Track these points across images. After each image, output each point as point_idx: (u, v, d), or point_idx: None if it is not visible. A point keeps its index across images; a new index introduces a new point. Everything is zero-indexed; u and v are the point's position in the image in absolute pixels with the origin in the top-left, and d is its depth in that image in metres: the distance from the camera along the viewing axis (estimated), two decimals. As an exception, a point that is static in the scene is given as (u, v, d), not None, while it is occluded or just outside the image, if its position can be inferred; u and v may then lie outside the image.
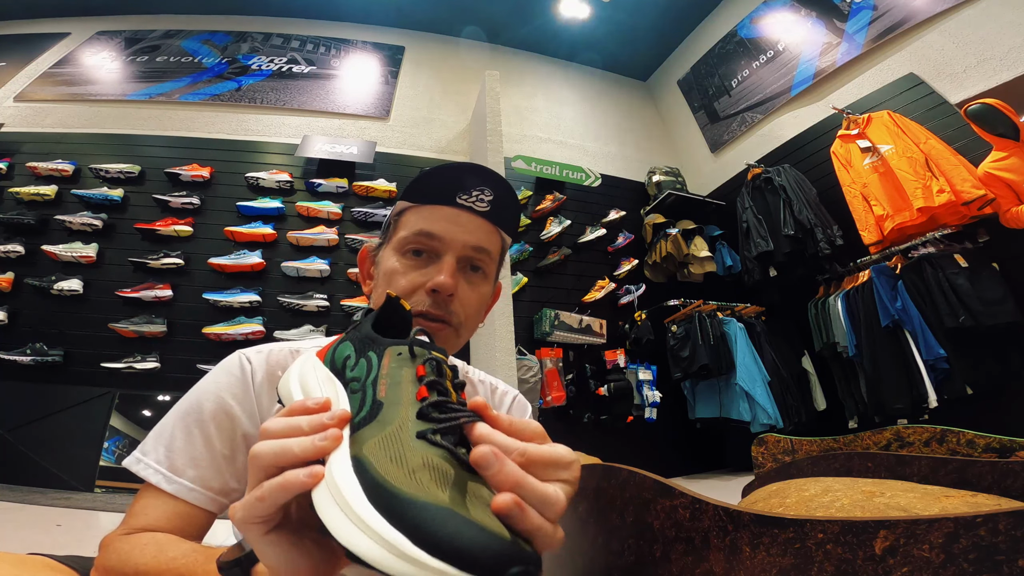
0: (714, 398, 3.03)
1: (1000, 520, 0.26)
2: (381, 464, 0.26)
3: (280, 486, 0.26)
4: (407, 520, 0.22)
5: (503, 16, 4.48)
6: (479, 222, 0.55)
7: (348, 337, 0.40)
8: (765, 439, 1.18)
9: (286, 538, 0.28)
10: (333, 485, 0.25)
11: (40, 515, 1.95)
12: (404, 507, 0.23)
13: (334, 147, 3.35)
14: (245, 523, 0.27)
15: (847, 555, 0.30)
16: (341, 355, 0.38)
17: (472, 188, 0.53)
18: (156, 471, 0.49)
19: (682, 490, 0.44)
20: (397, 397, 0.32)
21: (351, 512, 0.23)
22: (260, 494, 0.26)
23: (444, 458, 0.27)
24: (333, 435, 0.28)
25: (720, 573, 0.38)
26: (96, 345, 2.64)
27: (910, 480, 0.62)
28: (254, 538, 0.28)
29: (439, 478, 0.25)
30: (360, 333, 0.39)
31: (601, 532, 0.58)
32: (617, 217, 3.70)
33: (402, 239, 0.55)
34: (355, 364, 0.36)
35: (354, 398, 0.33)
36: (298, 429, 0.29)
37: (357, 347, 0.38)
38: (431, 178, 0.54)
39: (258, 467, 0.28)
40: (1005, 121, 2.14)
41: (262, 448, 0.28)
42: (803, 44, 3.63)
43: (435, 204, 0.54)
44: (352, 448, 0.28)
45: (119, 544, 0.44)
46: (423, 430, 0.29)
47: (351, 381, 0.35)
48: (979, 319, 2.11)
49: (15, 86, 3.57)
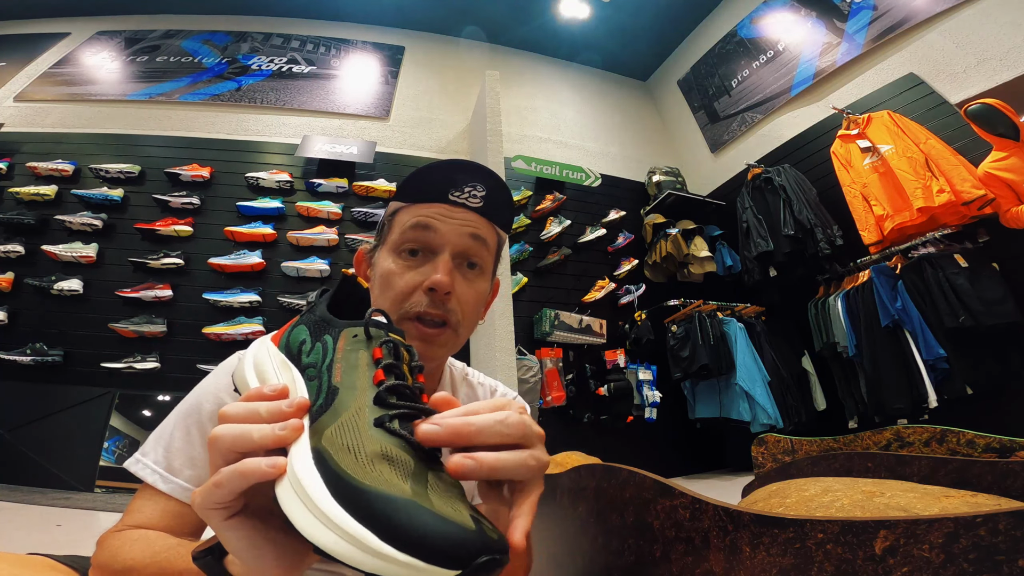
0: (714, 398, 3.03)
1: (1000, 520, 0.26)
2: (339, 455, 0.25)
3: (239, 473, 0.26)
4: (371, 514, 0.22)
5: (503, 16, 4.48)
6: (473, 217, 0.55)
7: (303, 320, 0.39)
8: (765, 439, 1.18)
9: (248, 524, 0.28)
10: (295, 479, 0.25)
11: (40, 515, 1.95)
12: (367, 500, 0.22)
13: (334, 147, 3.35)
14: (204, 509, 0.27)
15: (847, 555, 0.30)
16: (296, 340, 0.37)
17: (464, 184, 0.53)
18: (153, 471, 0.49)
19: (682, 490, 0.44)
20: (352, 382, 0.31)
21: (314, 507, 0.23)
22: (218, 480, 0.26)
23: (402, 447, 0.27)
24: (293, 425, 0.28)
25: (720, 573, 0.38)
26: (96, 345, 2.64)
27: (910, 480, 0.62)
28: (215, 524, 0.28)
29: (399, 468, 0.25)
30: (315, 315, 0.38)
31: (601, 532, 0.58)
32: (617, 217, 3.70)
33: (397, 239, 0.54)
34: (311, 349, 0.35)
35: (311, 385, 0.32)
36: (256, 415, 0.29)
37: (312, 330, 0.37)
38: (423, 177, 0.54)
39: (217, 452, 0.28)
40: (1005, 121, 2.14)
41: (221, 432, 0.28)
42: (803, 44, 3.63)
43: (428, 202, 0.54)
44: (312, 439, 0.27)
45: (111, 540, 0.44)
46: (380, 416, 0.28)
47: (307, 367, 0.34)
48: (979, 319, 2.11)
49: (15, 86, 3.57)
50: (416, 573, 0.21)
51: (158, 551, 0.40)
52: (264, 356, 0.38)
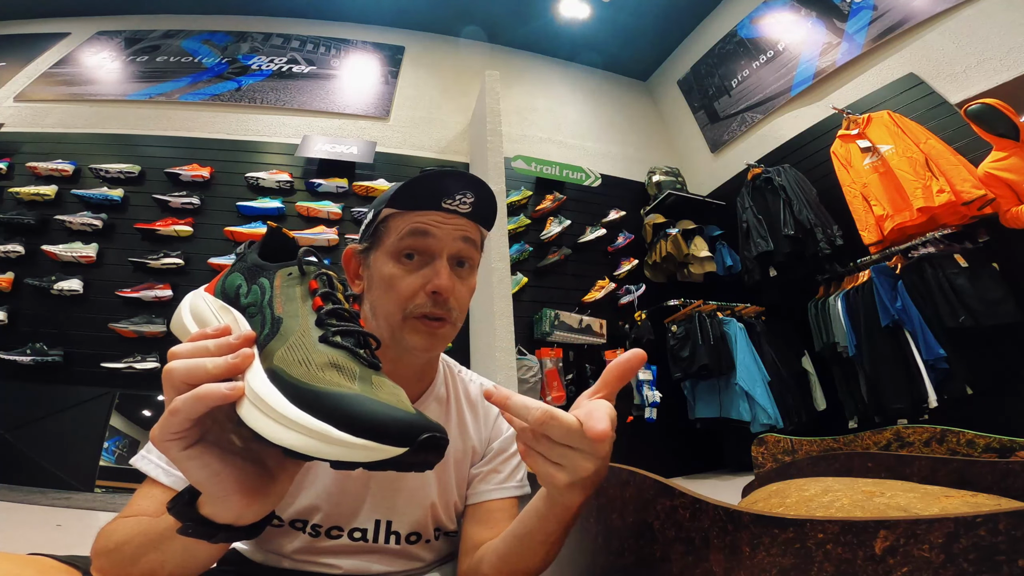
0: (714, 398, 3.03)
1: (1000, 520, 0.26)
2: (292, 369, 0.29)
3: (196, 398, 0.28)
4: (327, 410, 0.25)
5: (503, 16, 4.48)
6: (463, 222, 0.59)
7: (235, 268, 0.41)
8: (765, 439, 1.18)
9: (205, 452, 0.30)
10: (255, 396, 0.28)
11: (40, 515, 1.95)
12: (322, 399, 0.26)
13: (334, 147, 3.35)
14: (162, 440, 0.29)
15: (847, 555, 0.30)
16: (232, 285, 0.39)
17: (455, 192, 0.57)
18: (156, 465, 0.52)
19: (682, 490, 0.44)
20: (294, 311, 0.34)
21: (278, 415, 0.26)
22: (174, 407, 0.29)
23: (347, 357, 0.31)
24: (245, 353, 0.31)
25: (720, 573, 0.38)
26: (96, 345, 2.64)
27: (910, 480, 0.62)
28: (175, 456, 0.30)
29: (346, 373, 0.29)
30: (247, 263, 0.41)
31: (601, 532, 0.58)
32: (617, 217, 3.70)
33: (395, 244, 0.57)
34: (248, 291, 0.38)
35: (254, 321, 0.35)
36: (205, 350, 0.31)
37: (247, 275, 0.39)
38: (416, 186, 0.57)
39: (171, 385, 0.30)
40: (1005, 121, 2.14)
41: (174, 366, 0.30)
42: (803, 44, 3.63)
43: (421, 210, 0.58)
44: (264, 363, 0.31)
45: (107, 528, 0.46)
46: (323, 334, 0.32)
47: (247, 307, 0.37)
48: (979, 319, 2.11)
49: (15, 86, 3.57)
50: (371, 453, 0.25)
51: (144, 525, 0.41)
52: (201, 304, 0.41)
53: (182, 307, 0.42)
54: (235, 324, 0.36)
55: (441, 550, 0.65)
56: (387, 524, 0.60)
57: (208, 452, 0.31)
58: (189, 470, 0.30)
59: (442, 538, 0.64)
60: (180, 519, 0.33)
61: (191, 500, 0.33)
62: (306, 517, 0.58)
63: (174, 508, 0.33)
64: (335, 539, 0.58)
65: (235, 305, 0.38)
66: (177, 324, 0.41)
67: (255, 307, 0.36)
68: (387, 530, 0.60)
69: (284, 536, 0.58)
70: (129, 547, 0.40)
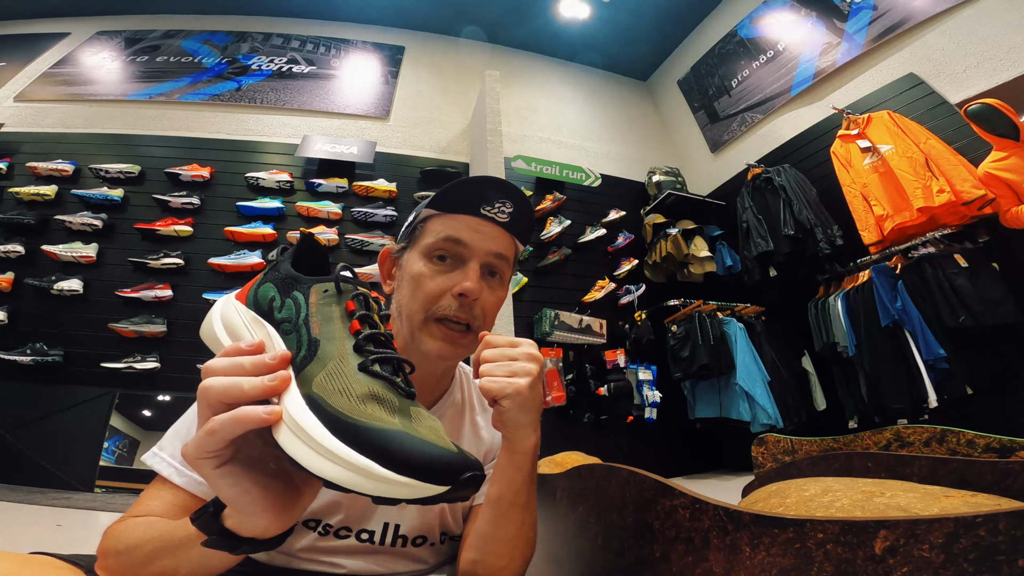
0: (714, 398, 3.03)
1: (1000, 520, 0.26)
2: (332, 398, 0.28)
3: (234, 420, 0.28)
4: (370, 445, 0.25)
5: (503, 16, 4.48)
6: (499, 231, 0.59)
7: (268, 278, 0.40)
8: (765, 439, 1.18)
9: (238, 471, 0.30)
10: (293, 423, 0.28)
11: (40, 515, 1.95)
12: (365, 434, 0.26)
13: (334, 147, 3.35)
14: (197, 458, 0.29)
15: (847, 555, 0.30)
16: (265, 297, 0.38)
17: (495, 200, 0.57)
18: (169, 464, 0.51)
19: (682, 490, 0.44)
20: (331, 333, 0.34)
21: (318, 446, 0.26)
22: (211, 427, 0.28)
23: (386, 388, 0.30)
24: (283, 376, 0.30)
25: (720, 573, 0.38)
26: (96, 345, 2.64)
27: (910, 480, 0.62)
28: (207, 473, 0.30)
29: (386, 406, 0.29)
30: (280, 273, 0.39)
31: (601, 532, 0.58)
32: (617, 217, 3.70)
33: (429, 245, 0.58)
34: (281, 305, 0.37)
35: (289, 339, 0.34)
36: (240, 368, 0.31)
37: (280, 287, 0.38)
38: (458, 189, 0.57)
39: (207, 403, 0.30)
40: (1005, 121, 2.14)
41: (211, 383, 0.30)
42: (803, 44, 3.63)
43: (460, 214, 0.57)
44: (301, 388, 0.30)
45: (115, 528, 0.45)
46: (363, 362, 0.32)
47: (282, 323, 0.36)
48: (979, 319, 2.11)
49: (15, 86, 3.57)
50: (413, 491, 0.25)
51: (159, 528, 0.41)
52: (233, 314, 0.39)
53: (213, 315, 0.41)
54: (269, 340, 0.35)
55: (446, 552, 0.65)
56: (395, 527, 0.60)
57: (239, 470, 0.31)
58: (221, 487, 0.30)
59: (447, 542, 0.64)
60: (205, 531, 0.33)
61: (216, 513, 0.33)
62: (318, 517, 0.58)
63: (198, 520, 0.33)
64: (343, 539, 0.58)
65: (268, 319, 0.37)
66: (208, 332, 0.40)
67: (290, 324, 0.35)
68: (395, 533, 0.60)
69: (294, 535, 0.58)
70: (142, 551, 0.40)
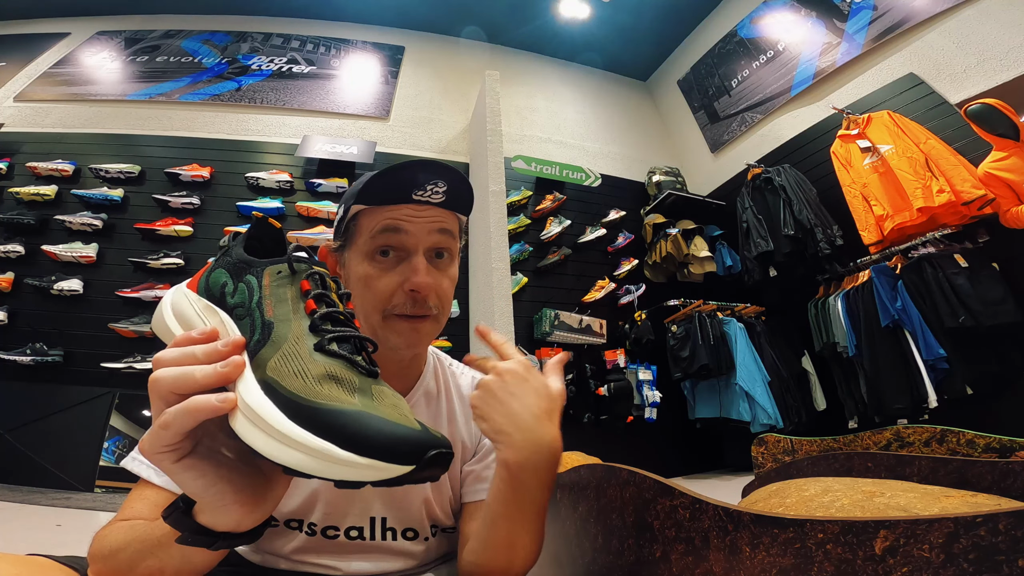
0: (714, 398, 3.03)
1: (1000, 520, 0.26)
2: (287, 381, 0.27)
3: (186, 411, 0.27)
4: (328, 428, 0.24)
5: (503, 16, 4.48)
6: (436, 212, 0.56)
7: (219, 264, 0.39)
8: (765, 439, 1.18)
9: (199, 464, 0.29)
10: (248, 410, 0.27)
11: (40, 515, 1.95)
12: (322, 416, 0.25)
13: (334, 147, 3.35)
14: (154, 453, 0.28)
15: (847, 555, 0.30)
16: (216, 282, 0.37)
17: (426, 183, 0.54)
18: (148, 467, 0.51)
19: (682, 490, 0.44)
20: (286, 314, 0.33)
21: (275, 432, 0.25)
22: (164, 420, 0.27)
23: (345, 367, 0.29)
24: (235, 362, 0.29)
25: (720, 573, 0.38)
26: (96, 345, 2.64)
27: (910, 480, 0.62)
28: (168, 468, 0.29)
29: (345, 385, 0.28)
30: (232, 258, 0.38)
31: (601, 532, 0.58)
32: (617, 217, 3.70)
33: (368, 241, 0.55)
34: (234, 290, 0.36)
35: (243, 324, 0.33)
36: (192, 357, 0.30)
37: (232, 272, 0.37)
38: (384, 179, 0.54)
39: (158, 396, 0.29)
40: (1005, 121, 2.14)
41: (161, 375, 0.29)
42: (803, 44, 3.63)
43: (391, 204, 0.55)
44: (256, 372, 0.29)
45: (102, 532, 0.45)
46: (319, 341, 0.31)
47: (235, 308, 0.35)
48: (979, 319, 2.11)
49: (15, 86, 3.57)
50: (376, 472, 0.24)
51: (139, 530, 0.41)
52: (184, 303, 0.38)
53: (163, 305, 0.40)
54: (222, 327, 0.34)
55: (441, 547, 0.65)
56: (382, 521, 0.60)
57: (202, 462, 0.30)
58: (184, 482, 0.30)
59: (440, 535, 0.63)
60: (177, 528, 0.32)
61: (187, 509, 0.32)
62: (300, 517, 0.57)
63: (170, 517, 0.33)
64: (332, 539, 0.58)
65: (221, 305, 0.36)
66: (159, 324, 0.39)
67: (243, 308, 0.34)
68: (383, 527, 0.59)
69: (281, 536, 0.58)
70: (125, 554, 0.40)
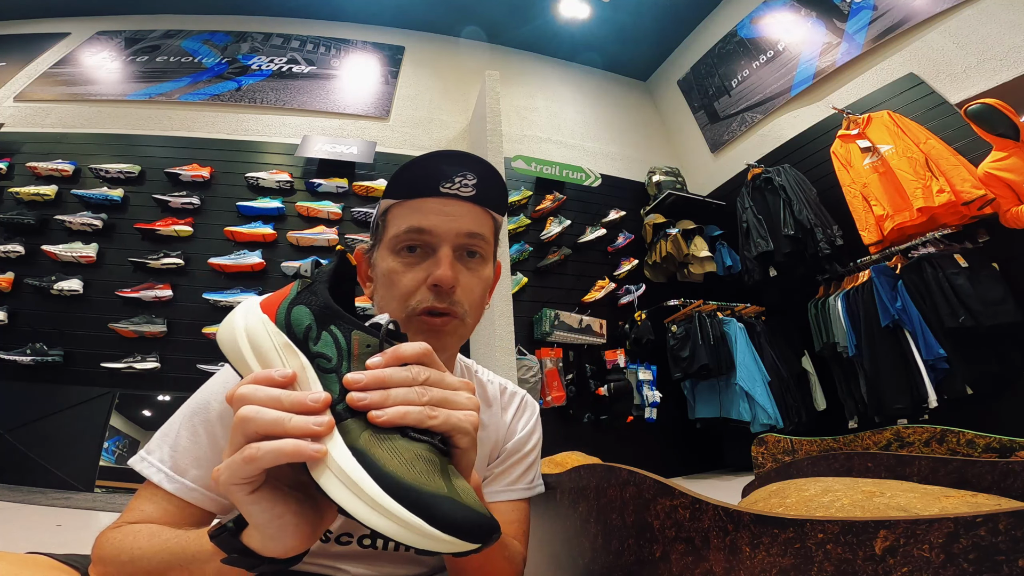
0: (714, 398, 3.03)
1: (1000, 520, 0.26)
2: (382, 459, 0.30)
3: (279, 452, 0.28)
4: (420, 506, 0.28)
5: (503, 16, 4.48)
6: (467, 207, 0.54)
7: (303, 300, 0.37)
8: (765, 439, 1.18)
9: (269, 497, 0.30)
10: (342, 473, 0.29)
11: (40, 515, 1.95)
12: (415, 495, 0.28)
13: (334, 147, 3.35)
14: (231, 484, 0.29)
15: (847, 555, 0.30)
16: (300, 323, 0.36)
17: (454, 175, 0.52)
18: (159, 470, 0.49)
19: (682, 490, 0.44)
20: None
21: (370, 500, 0.28)
22: (251, 455, 0.28)
23: (429, 450, 0.32)
24: (328, 423, 0.30)
25: (720, 573, 0.38)
26: (96, 345, 2.64)
27: (910, 480, 0.62)
28: (240, 499, 0.30)
29: (431, 467, 0.31)
30: (318, 299, 0.37)
31: (601, 532, 0.58)
32: (617, 217, 3.70)
33: (393, 237, 0.54)
34: (317, 337, 0.35)
35: (327, 379, 0.34)
36: (278, 402, 0.30)
37: (317, 315, 0.36)
38: (411, 171, 0.53)
39: (243, 432, 0.30)
40: (1005, 121, 2.14)
41: (252, 415, 0.30)
42: (803, 44, 3.63)
43: (419, 197, 0.53)
44: (345, 438, 0.31)
45: (112, 536, 0.44)
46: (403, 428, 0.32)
47: (318, 357, 0.34)
48: (979, 319, 2.11)
49: (15, 86, 3.57)
50: (454, 547, 0.28)
51: (167, 539, 0.40)
52: (262, 332, 0.37)
53: (237, 326, 0.38)
54: (302, 372, 0.34)
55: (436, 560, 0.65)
56: None
57: (271, 496, 0.31)
58: (252, 513, 0.30)
59: None
60: (225, 550, 0.33)
61: (237, 531, 0.33)
62: None
63: (219, 538, 0.33)
64: (345, 545, 0.57)
65: (303, 348, 0.35)
66: (231, 347, 0.37)
67: (327, 361, 0.34)
68: None
69: None
70: (150, 562, 0.39)
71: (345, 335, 0.35)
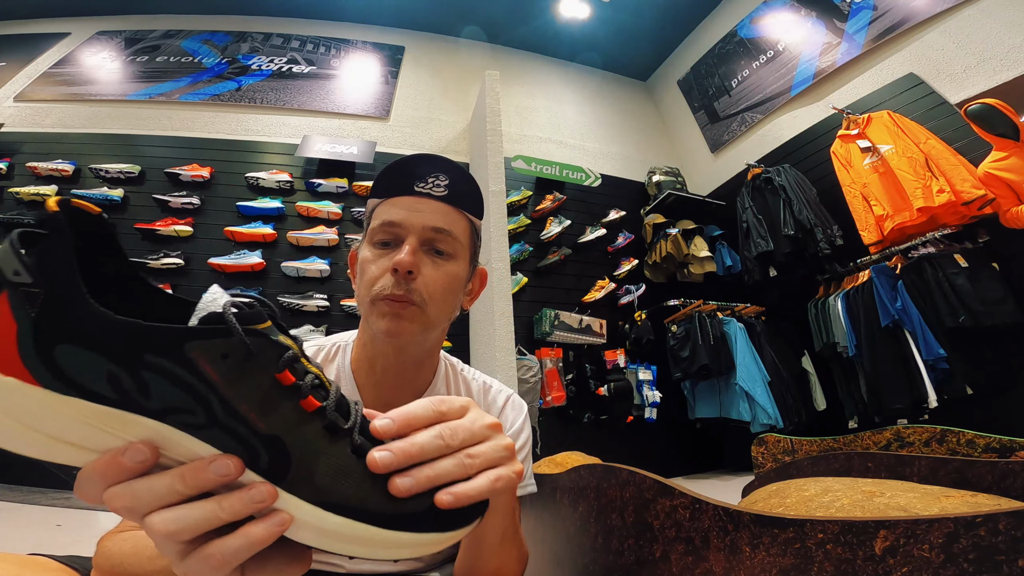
0: (714, 398, 3.03)
1: (1000, 520, 0.26)
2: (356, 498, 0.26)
3: (249, 546, 0.24)
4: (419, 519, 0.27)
5: (503, 16, 4.48)
6: (438, 205, 0.57)
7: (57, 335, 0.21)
8: (765, 439, 1.18)
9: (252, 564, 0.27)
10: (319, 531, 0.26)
11: (40, 515, 1.95)
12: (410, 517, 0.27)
13: (334, 147, 3.35)
14: None
15: (847, 555, 0.30)
16: (80, 367, 0.22)
17: (427, 176, 0.57)
18: None
19: (682, 490, 0.44)
20: (284, 423, 0.25)
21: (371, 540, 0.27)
22: (221, 557, 0.24)
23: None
24: (269, 492, 0.24)
25: (720, 573, 0.38)
26: (96, 345, 2.63)
27: (910, 480, 0.63)
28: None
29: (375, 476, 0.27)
30: (87, 320, 0.21)
31: (601, 532, 0.58)
32: (617, 217, 3.70)
33: (371, 232, 0.58)
34: (138, 385, 0.22)
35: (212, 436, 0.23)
36: (177, 494, 0.23)
37: (101, 350, 0.21)
38: (390, 172, 0.58)
39: (170, 543, 0.24)
40: (1005, 121, 2.14)
41: (172, 526, 0.23)
42: (803, 44, 3.63)
43: (396, 196, 0.57)
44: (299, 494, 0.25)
45: (107, 541, 0.45)
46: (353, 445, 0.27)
47: (168, 415, 0.23)
48: (979, 319, 2.11)
49: (15, 86, 3.57)
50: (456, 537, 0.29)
51: (147, 545, 0.41)
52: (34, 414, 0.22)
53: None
54: (158, 436, 0.23)
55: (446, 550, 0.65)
56: None
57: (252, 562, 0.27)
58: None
59: None
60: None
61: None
62: None
63: None
64: None
65: (129, 408, 0.22)
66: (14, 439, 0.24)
67: (191, 416, 0.23)
68: None
69: None
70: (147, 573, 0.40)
71: (179, 362, 0.22)
